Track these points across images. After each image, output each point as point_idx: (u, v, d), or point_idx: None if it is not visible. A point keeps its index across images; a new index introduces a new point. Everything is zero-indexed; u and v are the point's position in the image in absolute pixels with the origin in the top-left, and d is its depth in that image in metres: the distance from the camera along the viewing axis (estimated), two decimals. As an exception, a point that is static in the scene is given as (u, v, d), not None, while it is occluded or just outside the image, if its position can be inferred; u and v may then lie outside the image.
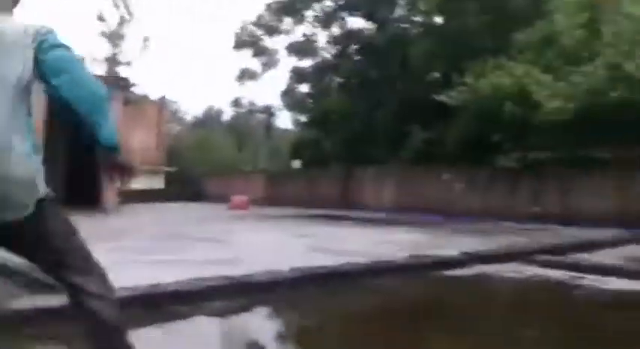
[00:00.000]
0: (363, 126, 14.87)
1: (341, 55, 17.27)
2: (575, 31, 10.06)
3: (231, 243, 6.14)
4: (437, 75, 14.57)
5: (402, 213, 11.75)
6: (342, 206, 13.95)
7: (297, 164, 19.22)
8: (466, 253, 5.21)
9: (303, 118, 20.87)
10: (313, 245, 6.09)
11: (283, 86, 21.38)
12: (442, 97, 11.38)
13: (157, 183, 21.18)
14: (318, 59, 18.56)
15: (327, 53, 18.29)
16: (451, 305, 3.70)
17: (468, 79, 11.01)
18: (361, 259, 4.67)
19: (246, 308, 3.24)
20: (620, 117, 8.93)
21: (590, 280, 4.44)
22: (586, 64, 9.40)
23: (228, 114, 37.48)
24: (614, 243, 6.68)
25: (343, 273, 4.19)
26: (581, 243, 6.37)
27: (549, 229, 8.43)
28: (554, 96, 9.20)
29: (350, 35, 17.03)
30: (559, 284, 4.36)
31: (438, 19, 14.64)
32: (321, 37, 18.31)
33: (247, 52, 19.90)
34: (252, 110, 27.07)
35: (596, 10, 10.65)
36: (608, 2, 10.38)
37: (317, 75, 18.51)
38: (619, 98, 8.66)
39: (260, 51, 19.79)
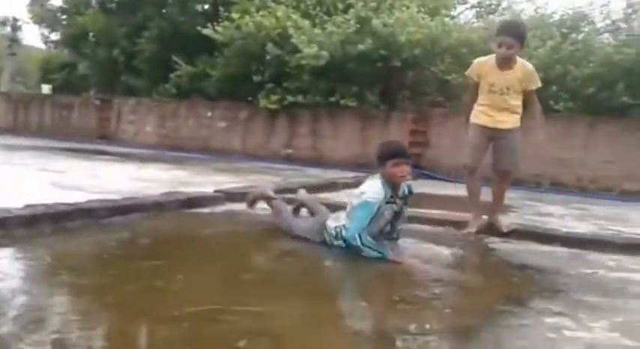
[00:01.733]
0: (123, 53, 13.88)
1: (101, -31, 15.61)
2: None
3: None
4: (206, 6, 14.27)
5: (162, 150, 11.53)
6: (98, 139, 13.11)
7: (47, 89, 17.25)
8: (219, 191, 5.41)
9: (54, 36, 18.72)
10: (60, 181, 5.72)
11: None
12: (208, 31, 11.23)
13: None
14: (75, -32, 16.56)
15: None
16: (194, 241, 3.86)
17: (234, 15, 11.04)
18: (111, 197, 4.55)
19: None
20: (365, 68, 9.94)
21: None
22: (339, 14, 10.14)
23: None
24: (355, 184, 7.51)
25: (87, 211, 4.03)
26: (325, 183, 7.05)
27: (300, 170, 9.15)
28: (310, 42, 9.78)
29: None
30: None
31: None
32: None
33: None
34: (-10, 21, 23.30)
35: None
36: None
37: (72, -13, 16.54)
38: (366, 50, 9.59)
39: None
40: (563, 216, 5.87)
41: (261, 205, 5.26)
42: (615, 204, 7.40)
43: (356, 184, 7.46)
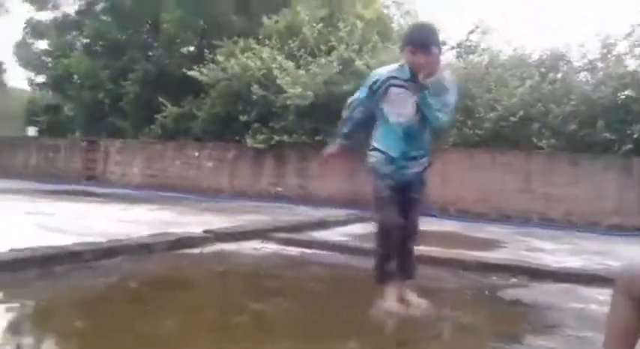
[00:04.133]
0: (109, 95, 13.95)
1: (86, 12, 15.79)
2: (315, 25, 10.96)
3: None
4: (191, 49, 14.47)
5: (149, 190, 11.47)
6: (84, 181, 13.02)
7: (32, 131, 17.18)
8: (208, 231, 5.37)
9: (40, 79, 18.78)
10: (46, 224, 5.65)
11: (17, 38, 18.77)
12: (194, 73, 11.37)
13: None
14: (60, 13, 16.76)
15: (71, 8, 16.61)
16: (182, 284, 3.80)
17: (220, 57, 11.20)
18: (98, 239, 4.50)
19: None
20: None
21: (319, 256, 4.99)
22: (323, 56, 10.34)
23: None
24: (343, 222, 7.52)
25: (74, 254, 3.97)
26: (316, 221, 7.05)
27: (289, 208, 9.14)
28: (295, 83, 9.93)
29: (95, -9, 15.63)
30: (292, 260, 4.80)
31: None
32: (64, -12, 16.52)
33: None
34: (-24, 63, 23.32)
35: (335, 7, 11.80)
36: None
37: (58, 31, 16.68)
38: (350, 90, 9.73)
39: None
40: (553, 251, 5.90)
41: (252, 245, 5.24)
42: (602, 238, 7.45)
43: (346, 222, 7.53)
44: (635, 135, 8.75)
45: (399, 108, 3.13)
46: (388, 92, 3.14)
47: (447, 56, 13.61)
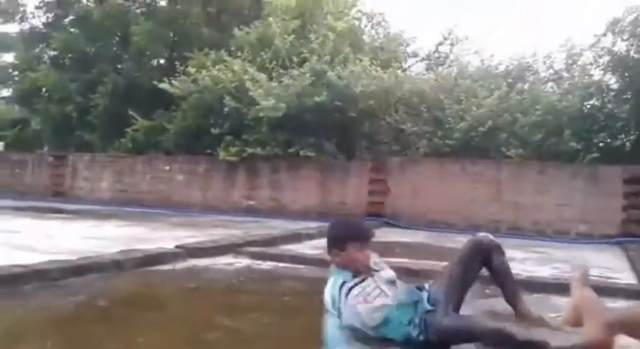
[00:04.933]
0: (77, 108, 13.71)
1: (54, 25, 15.54)
2: (287, 36, 10.98)
3: None
4: (161, 61, 14.35)
5: (119, 206, 11.27)
6: (52, 197, 12.74)
7: (-2, 146, 16.78)
8: (180, 247, 5.30)
9: (5, 92, 18.43)
10: (13, 242, 5.51)
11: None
12: (164, 85, 11.26)
13: None
14: (27, 26, 16.48)
15: (38, 20, 16.33)
16: (154, 301, 3.74)
17: (191, 69, 11.13)
18: (67, 257, 4.40)
19: None
20: (323, 119, 10.11)
21: (292, 269, 4.97)
22: (295, 68, 10.36)
23: None
24: (317, 235, 7.48)
25: (42, 272, 3.88)
26: (289, 235, 7.00)
27: (262, 222, 9.08)
28: (267, 94, 9.91)
29: (63, 3, 15.41)
30: (265, 274, 4.77)
31: (163, 2, 14.39)
32: (31, 1, 16.30)
33: None
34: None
35: (307, 19, 11.84)
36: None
37: (25, 44, 16.38)
38: (322, 101, 9.77)
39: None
40: (524, 260, 5.98)
41: (225, 260, 5.19)
42: (571, 246, 7.59)
43: (319, 235, 7.50)
44: (600, 144, 8.98)
45: None
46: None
47: (418, 67, 13.86)
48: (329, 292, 2.67)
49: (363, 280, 2.66)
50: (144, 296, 3.90)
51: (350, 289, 2.60)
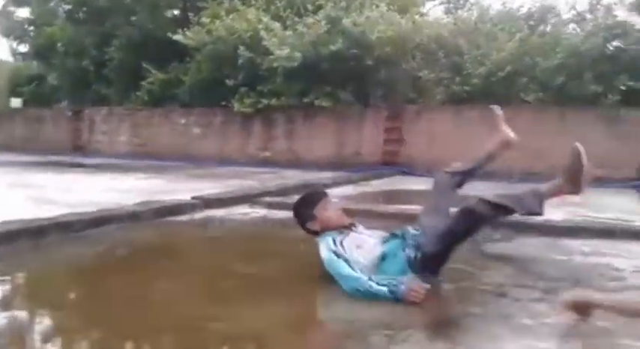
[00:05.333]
0: (93, 62, 13.73)
1: (67, -22, 15.37)
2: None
3: None
4: (175, 12, 14.18)
5: (137, 159, 11.42)
6: (71, 151, 12.94)
7: (17, 102, 16.93)
8: (197, 197, 5.38)
9: (22, 48, 18.46)
10: (36, 196, 5.64)
11: (-2, 7, 18.35)
12: (178, 37, 11.16)
13: None
14: (41, -20, 16.32)
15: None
16: (172, 251, 3.82)
17: (205, 19, 11.00)
18: (89, 209, 4.50)
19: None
20: (338, 67, 9.97)
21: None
22: (310, 15, 10.16)
23: None
24: (333, 184, 7.53)
25: (64, 225, 3.98)
26: (303, 184, 7.04)
27: (278, 172, 9.14)
28: (282, 44, 9.78)
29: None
30: (281, 223, 4.83)
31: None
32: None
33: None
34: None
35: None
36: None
37: (40, -1, 16.30)
38: (337, 50, 9.62)
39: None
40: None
41: (241, 210, 5.27)
42: (589, 190, 7.51)
43: (334, 184, 7.54)
44: (622, 87, 8.76)
45: None
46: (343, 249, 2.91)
47: (436, 11, 13.48)
48: (324, 254, 2.83)
49: (349, 234, 2.93)
50: (162, 245, 3.99)
51: (341, 242, 2.85)
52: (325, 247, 2.84)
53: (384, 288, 2.58)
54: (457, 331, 2.34)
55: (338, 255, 2.78)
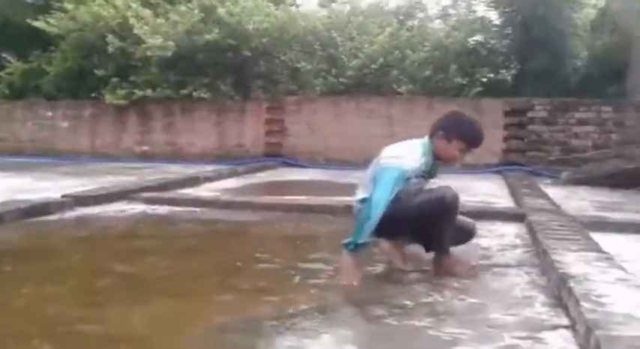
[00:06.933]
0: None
1: None
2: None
3: None
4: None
5: (-1, 156, 10.44)
6: None
7: None
8: (67, 195, 5.04)
9: None
10: None
11: None
12: (39, 24, 10.33)
13: None
14: None
15: None
16: (39, 252, 3.56)
17: (67, 5, 10.27)
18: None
19: None
20: (216, 58, 9.79)
21: (189, 213, 4.91)
22: (182, 3, 9.85)
23: None
24: (217, 178, 7.40)
25: None
26: (185, 178, 6.85)
27: (156, 167, 8.80)
28: (154, 32, 9.40)
29: None
30: (161, 219, 4.67)
31: None
32: None
33: None
34: None
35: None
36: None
37: None
38: (213, 39, 9.43)
39: None
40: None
41: (117, 207, 5.03)
42: (456, 176, 8.03)
43: (217, 177, 7.42)
44: (483, 79, 9.48)
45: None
46: (408, 182, 2.91)
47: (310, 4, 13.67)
48: (399, 163, 2.86)
49: (424, 183, 3.08)
50: (27, 247, 3.70)
51: (415, 180, 2.95)
52: (409, 165, 2.87)
53: (364, 239, 2.70)
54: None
55: (403, 180, 2.84)
